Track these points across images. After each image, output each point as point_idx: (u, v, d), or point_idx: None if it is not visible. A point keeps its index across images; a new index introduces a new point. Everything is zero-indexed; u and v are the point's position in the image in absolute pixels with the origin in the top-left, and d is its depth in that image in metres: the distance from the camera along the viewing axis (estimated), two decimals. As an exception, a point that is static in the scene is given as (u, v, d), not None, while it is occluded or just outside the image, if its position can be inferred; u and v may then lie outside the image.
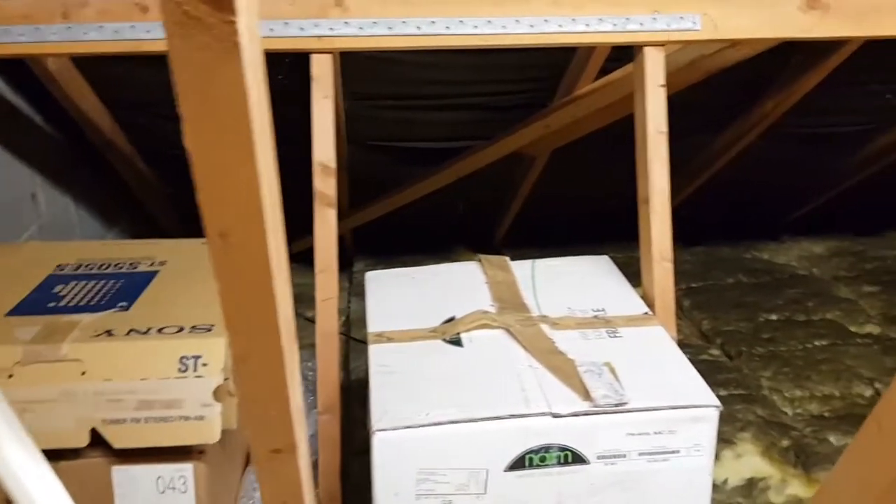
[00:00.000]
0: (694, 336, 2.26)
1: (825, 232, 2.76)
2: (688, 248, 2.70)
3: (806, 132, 2.15)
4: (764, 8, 1.40)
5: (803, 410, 1.93)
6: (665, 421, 1.09)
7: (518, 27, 1.33)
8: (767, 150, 2.18)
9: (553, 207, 2.31)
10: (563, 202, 2.29)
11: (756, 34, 1.41)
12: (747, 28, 1.40)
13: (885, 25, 1.41)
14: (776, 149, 2.19)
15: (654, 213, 1.37)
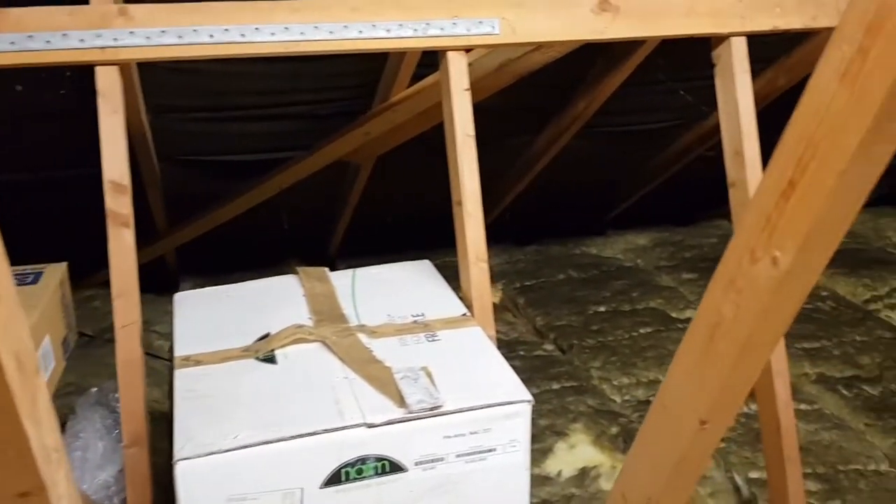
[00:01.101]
0: (529, 333, 2.32)
1: (647, 224, 2.92)
2: (521, 247, 2.77)
3: (617, 130, 2.26)
4: (558, 11, 1.44)
5: (631, 397, 2.02)
6: (480, 420, 1.09)
7: (317, 33, 1.31)
8: (584, 149, 2.27)
9: (385, 214, 2.30)
10: (394, 208, 2.29)
11: (553, 37, 1.45)
12: (544, 31, 1.44)
13: (670, 26, 1.49)
14: (592, 147, 2.28)
15: (467, 216, 1.38)
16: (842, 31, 0.61)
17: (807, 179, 0.65)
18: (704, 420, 0.80)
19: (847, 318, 2.39)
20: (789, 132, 0.67)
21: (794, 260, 0.67)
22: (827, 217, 0.64)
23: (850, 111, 0.60)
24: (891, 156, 0.63)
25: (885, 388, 2.08)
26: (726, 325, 0.75)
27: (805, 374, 2.14)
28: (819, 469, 1.78)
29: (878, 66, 0.58)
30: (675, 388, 0.84)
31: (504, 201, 2.49)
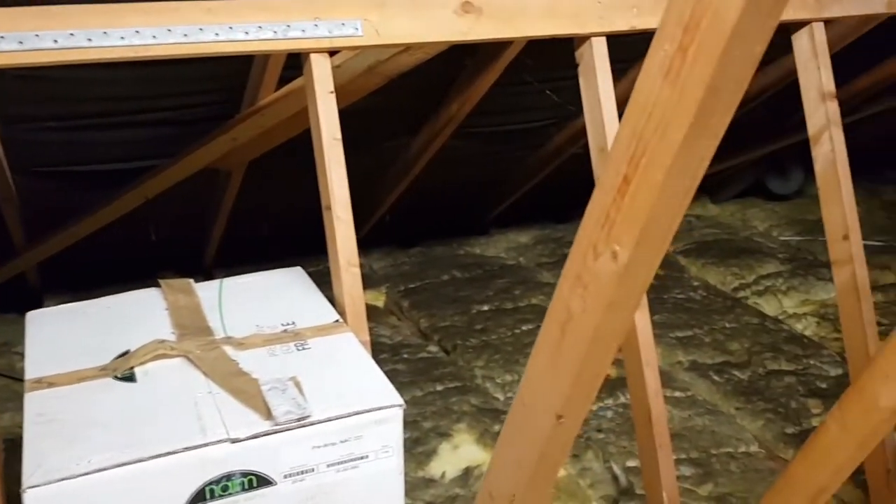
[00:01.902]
0: (414, 335, 2.32)
1: (529, 222, 2.97)
2: (405, 250, 2.77)
3: (492, 131, 2.28)
4: (421, 13, 1.44)
5: (514, 394, 2.04)
6: (350, 428, 1.08)
7: (170, 37, 1.25)
8: (461, 150, 2.29)
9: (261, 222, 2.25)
10: (271, 215, 2.24)
11: (417, 38, 1.45)
12: (408, 33, 1.43)
13: (533, 27, 1.51)
14: (469, 148, 2.30)
15: (337, 220, 1.36)
16: (663, 31, 0.62)
17: (639, 175, 0.66)
18: (560, 415, 0.81)
19: (717, 307, 2.50)
20: (622, 130, 0.68)
21: (632, 254, 0.69)
22: (659, 211, 0.66)
23: (674, 108, 0.62)
24: (714, 150, 0.65)
25: (754, 372, 2.19)
26: (575, 319, 0.76)
27: (679, 362, 2.23)
28: (693, 454, 1.86)
29: (696, 64, 0.60)
30: (532, 385, 0.85)
31: (384, 204, 2.47)
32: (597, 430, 1.90)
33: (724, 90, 0.60)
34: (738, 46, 0.57)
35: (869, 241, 2.97)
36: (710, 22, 0.58)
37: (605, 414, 1.97)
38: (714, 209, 3.29)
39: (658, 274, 2.70)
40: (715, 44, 0.58)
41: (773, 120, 2.84)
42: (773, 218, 3.16)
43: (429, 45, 1.64)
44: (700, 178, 0.66)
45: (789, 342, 2.31)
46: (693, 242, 2.95)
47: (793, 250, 2.88)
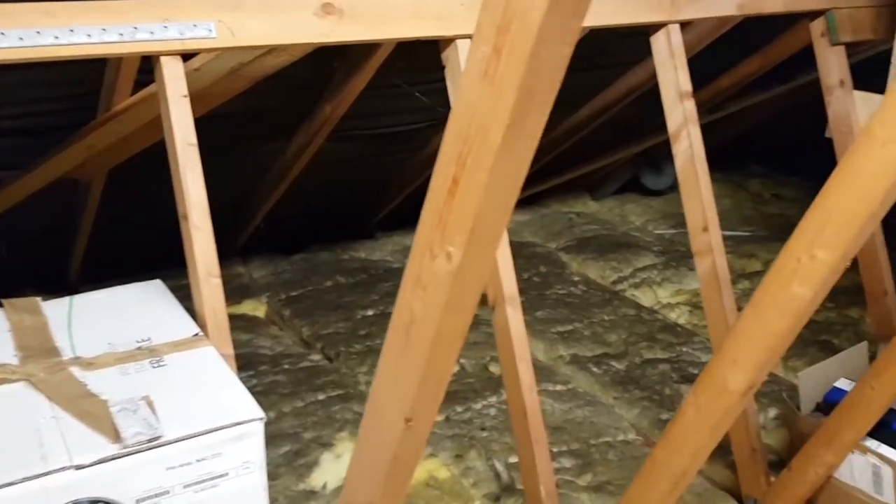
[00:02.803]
0: (296, 345, 2.27)
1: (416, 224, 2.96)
2: (287, 257, 2.72)
3: (370, 133, 2.27)
4: (280, 14, 1.41)
5: (398, 396, 2.03)
6: (207, 446, 1.04)
7: (4, 41, 1.18)
8: (340, 153, 2.26)
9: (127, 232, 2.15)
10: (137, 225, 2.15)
11: (276, 40, 1.42)
12: (266, 34, 1.40)
13: (398, 28, 1.51)
14: (348, 151, 2.28)
15: (195, 229, 1.31)
16: (479, 33, 0.63)
17: (466, 176, 0.66)
18: (409, 418, 0.80)
19: (597, 300, 2.56)
20: (449, 131, 0.68)
21: (465, 254, 0.69)
22: (486, 211, 0.66)
23: (492, 108, 0.62)
24: (534, 150, 0.66)
25: (630, 361, 2.26)
26: (417, 322, 0.76)
27: (560, 356, 2.27)
28: (573, 445, 1.89)
29: (509, 65, 0.60)
30: (382, 390, 0.84)
31: (262, 210, 2.42)
32: (480, 429, 1.91)
33: (536, 91, 0.60)
34: (546, 47, 0.58)
35: (737, 232, 3.13)
36: (519, 24, 0.58)
37: (488, 412, 1.98)
38: (594, 206, 3.38)
39: (540, 271, 2.76)
40: (524, 45, 0.58)
41: (645, 118, 2.93)
42: (648, 212, 3.27)
43: (292, 47, 1.61)
44: (523, 177, 0.66)
45: (663, 331, 2.39)
46: (574, 239, 3.02)
47: (666, 243, 2.99)
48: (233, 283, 2.51)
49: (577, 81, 2.54)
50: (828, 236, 1.05)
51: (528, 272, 2.70)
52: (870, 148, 0.98)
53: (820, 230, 1.06)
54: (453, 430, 1.89)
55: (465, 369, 2.16)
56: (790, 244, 1.10)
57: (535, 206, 3.28)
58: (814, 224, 1.07)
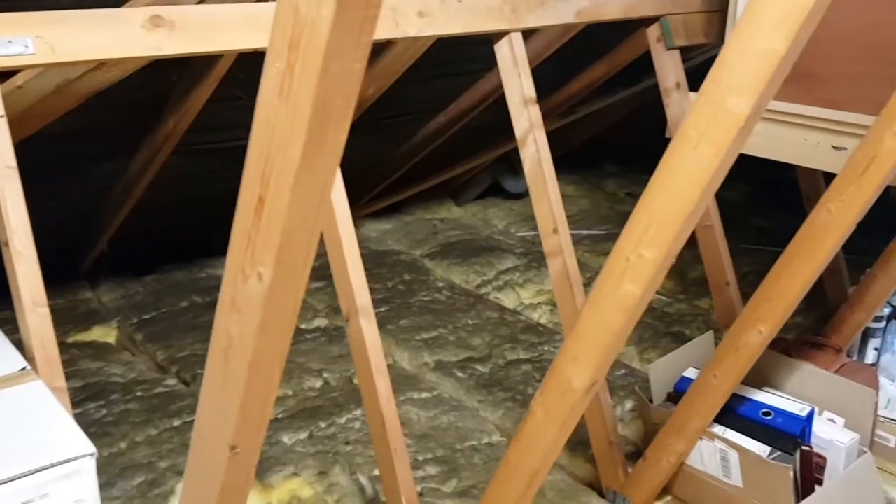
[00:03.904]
0: (150, 370, 2.17)
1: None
2: (139, 278, 2.60)
3: (215, 146, 2.20)
4: (105, 28, 1.34)
5: (260, 416, 1.98)
6: (32, 486, 0.97)
7: None
8: (187, 167, 2.18)
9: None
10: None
11: (101, 55, 1.35)
12: (90, 49, 1.33)
13: (232, 40, 1.47)
14: (196, 165, 2.21)
15: (17, 256, 1.22)
16: (272, 49, 0.61)
17: (270, 194, 0.65)
18: (234, 445, 0.77)
19: (461, 305, 2.59)
20: (252, 149, 0.66)
21: (275, 274, 0.67)
22: (292, 229, 0.65)
23: (290, 125, 0.61)
24: (336, 166, 0.65)
25: (494, 364, 2.29)
26: (234, 345, 0.73)
27: (425, 363, 2.28)
28: (439, 452, 1.90)
29: (302, 81, 0.59)
30: (205, 417, 0.80)
31: (108, 230, 2.30)
32: (344, 443, 1.89)
33: (332, 106, 0.60)
34: (337, 63, 0.57)
35: (594, 231, 3.25)
36: (308, 40, 0.57)
37: (353, 425, 1.96)
38: (458, 211, 3.42)
39: (405, 279, 2.76)
40: (314, 61, 0.57)
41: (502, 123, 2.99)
42: (510, 216, 3.34)
43: (123, 61, 1.54)
44: (329, 192, 0.65)
45: (526, 332, 2.44)
46: (438, 245, 3.04)
47: (528, 244, 3.06)
48: (80, 309, 2.38)
49: (431, 89, 2.59)
50: (652, 236, 1.09)
51: (393, 280, 2.70)
52: (684, 149, 1.03)
53: (645, 230, 1.10)
54: (316, 446, 1.86)
55: (329, 383, 2.13)
56: (619, 244, 1.14)
57: (399, 213, 3.28)
58: (639, 224, 1.11)
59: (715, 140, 0.99)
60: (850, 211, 1.41)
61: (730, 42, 0.96)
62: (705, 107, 1.00)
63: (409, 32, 1.67)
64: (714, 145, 1.00)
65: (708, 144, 1.00)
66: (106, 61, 1.46)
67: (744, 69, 0.94)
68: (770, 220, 3.22)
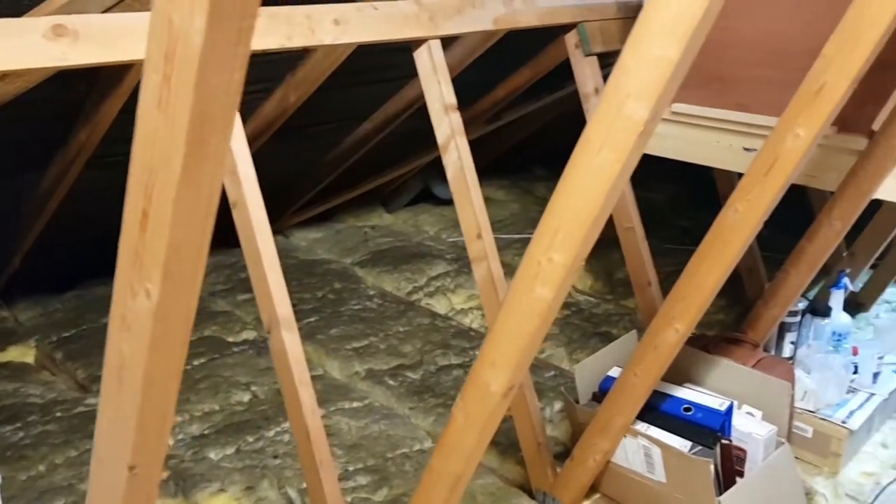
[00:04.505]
0: (71, 389, 2.11)
1: (202, 250, 2.85)
2: (58, 295, 2.52)
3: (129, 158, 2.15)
4: (5, 38, 1.30)
5: (185, 435, 1.94)
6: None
7: None
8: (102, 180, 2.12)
9: None
10: None
11: (3, 66, 1.31)
12: (-12, 60, 1.29)
13: (137, 49, 1.43)
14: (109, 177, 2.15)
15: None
16: (149, 61, 0.60)
17: (154, 208, 0.64)
18: (133, 465, 0.76)
19: (392, 312, 2.58)
20: (134, 161, 0.65)
21: (163, 290, 0.66)
22: (178, 244, 0.64)
23: (170, 137, 0.60)
24: (221, 178, 0.64)
25: (426, 370, 2.29)
26: (127, 364, 0.71)
27: (356, 372, 2.27)
28: (369, 461, 1.89)
29: (179, 93, 0.58)
30: (103, 438, 0.78)
31: (23, 247, 2.23)
32: (273, 457, 1.86)
33: (212, 117, 0.59)
34: (213, 74, 0.57)
35: (524, 235, 3.28)
36: (183, 51, 0.56)
37: (282, 438, 1.94)
38: (389, 218, 3.41)
39: (335, 288, 2.74)
40: (189, 72, 0.57)
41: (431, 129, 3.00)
42: (441, 221, 3.35)
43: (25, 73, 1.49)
44: (215, 204, 0.64)
45: (457, 337, 2.45)
46: (369, 252, 3.03)
47: (459, 250, 3.07)
48: None
49: (356, 96, 2.58)
50: (561, 240, 1.11)
51: (323, 290, 2.68)
52: (587, 155, 1.05)
53: (554, 234, 1.12)
54: (244, 461, 1.83)
55: (258, 396, 2.10)
56: (531, 248, 1.16)
57: (330, 221, 3.26)
58: (549, 229, 1.13)
59: (616, 145, 1.01)
60: (756, 211, 1.45)
61: (626, 49, 0.98)
62: (605, 113, 1.02)
63: (325, 40, 1.66)
64: (615, 151, 1.02)
65: (609, 150, 1.02)
66: (7, 72, 1.41)
67: (640, 76, 0.97)
68: (693, 220, 3.30)
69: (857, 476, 1.90)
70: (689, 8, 0.90)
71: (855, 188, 1.80)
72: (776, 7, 1.90)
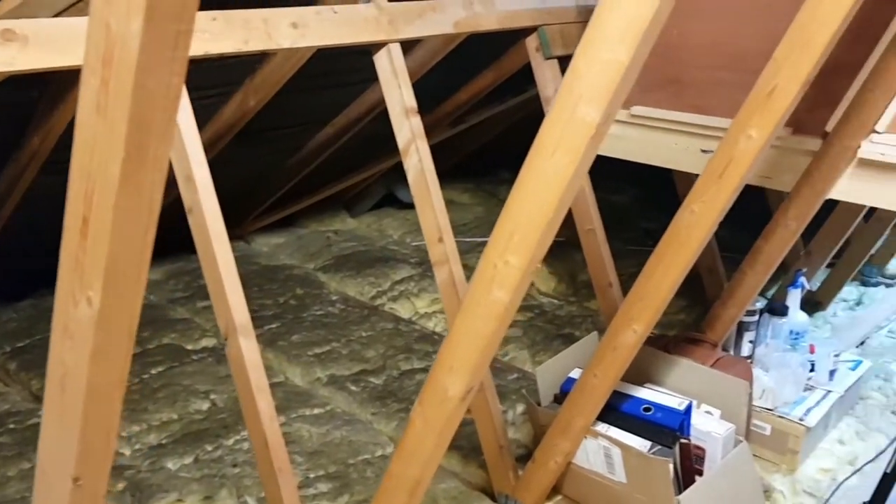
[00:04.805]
0: (25, 400, 2.06)
1: (161, 256, 2.81)
2: (13, 304, 2.47)
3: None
4: (-54, 42, 1.27)
5: (142, 445, 1.91)
6: None
7: None
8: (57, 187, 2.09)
9: None
10: None
11: (-54, 70, 1.28)
12: (-67, 65, 1.26)
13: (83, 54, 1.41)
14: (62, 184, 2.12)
15: None
16: (87, 65, 0.59)
17: (94, 215, 0.62)
18: (77, 477, 0.74)
19: (355, 317, 2.57)
20: (73, 167, 0.64)
21: (105, 297, 0.64)
22: (119, 250, 0.63)
23: (108, 142, 0.59)
24: (162, 184, 0.63)
25: (388, 375, 2.28)
26: (70, 373, 0.70)
27: (318, 378, 2.25)
28: (331, 468, 1.87)
29: (118, 97, 0.57)
30: (46, 449, 0.77)
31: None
32: (232, 466, 1.84)
33: (150, 122, 0.58)
34: (151, 78, 0.56)
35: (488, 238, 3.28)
36: (120, 55, 0.56)
37: (241, 447, 1.91)
38: (352, 223, 3.40)
39: (297, 293, 2.72)
40: (127, 76, 0.56)
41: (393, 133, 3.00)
42: (405, 225, 3.34)
43: (-26, 77, 1.46)
44: (157, 210, 0.63)
45: (420, 341, 2.45)
46: (332, 257, 3.01)
47: (423, 253, 3.06)
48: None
49: (318, 100, 2.57)
50: (516, 243, 1.11)
51: (285, 296, 2.66)
52: (541, 158, 1.06)
53: (510, 237, 1.12)
54: (202, 470, 1.80)
55: (217, 405, 2.07)
56: (487, 251, 1.16)
57: (292, 227, 3.24)
58: (504, 232, 1.13)
59: (569, 148, 1.02)
60: (711, 211, 1.47)
61: (578, 53, 0.98)
62: (559, 116, 1.02)
63: (283, 44, 1.65)
64: (569, 154, 1.02)
65: (563, 153, 1.03)
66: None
67: (592, 79, 0.97)
68: (656, 221, 3.33)
69: (815, 472, 1.93)
70: (638, 11, 0.91)
71: (809, 188, 1.83)
72: (732, 10, 1.93)
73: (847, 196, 1.79)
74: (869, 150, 1.69)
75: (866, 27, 1.68)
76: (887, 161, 1.67)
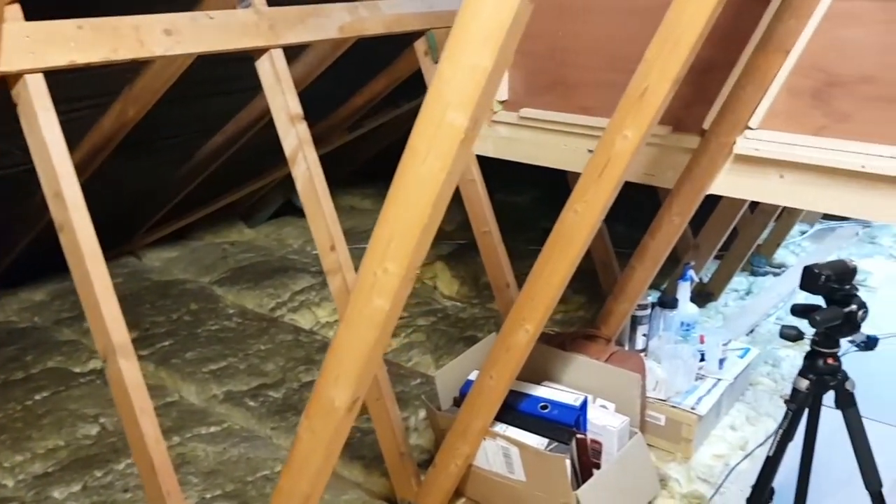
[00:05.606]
0: None
1: (45, 276, 2.68)
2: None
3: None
4: None
5: (26, 475, 1.81)
6: None
7: None
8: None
9: None
10: None
11: None
12: None
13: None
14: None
15: None
16: None
17: None
18: None
19: (253, 331, 2.51)
20: None
21: None
22: None
23: None
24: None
25: (288, 388, 2.23)
26: None
27: (214, 395, 2.18)
28: (228, 487, 1.82)
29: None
30: None
31: None
32: (122, 491, 1.77)
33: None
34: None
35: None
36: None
37: (132, 471, 1.84)
38: (250, 233, 3.32)
39: (191, 309, 2.64)
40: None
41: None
42: (305, 234, 3.28)
43: None
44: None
45: (321, 351, 2.41)
46: (228, 270, 2.93)
47: (323, 262, 3.03)
48: None
49: (206, 107, 2.49)
50: (394, 250, 1.10)
51: (178, 312, 2.57)
52: (414, 164, 1.05)
53: (387, 245, 1.11)
54: (91, 497, 1.72)
55: (107, 428, 1.98)
56: (366, 260, 1.14)
57: (185, 239, 3.14)
58: (382, 239, 1.11)
59: (440, 154, 1.01)
60: (593, 210, 1.50)
61: (443, 59, 0.98)
62: (428, 121, 1.02)
63: (156, 51, 1.59)
64: (440, 159, 1.02)
65: (434, 158, 1.02)
66: None
67: (458, 85, 0.97)
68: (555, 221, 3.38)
69: (708, 459, 1.99)
70: (498, 16, 0.91)
71: (690, 185, 1.88)
72: (615, 13, 1.97)
73: (726, 191, 1.85)
74: (744, 145, 1.75)
75: (737, 26, 1.74)
76: (761, 156, 1.73)
